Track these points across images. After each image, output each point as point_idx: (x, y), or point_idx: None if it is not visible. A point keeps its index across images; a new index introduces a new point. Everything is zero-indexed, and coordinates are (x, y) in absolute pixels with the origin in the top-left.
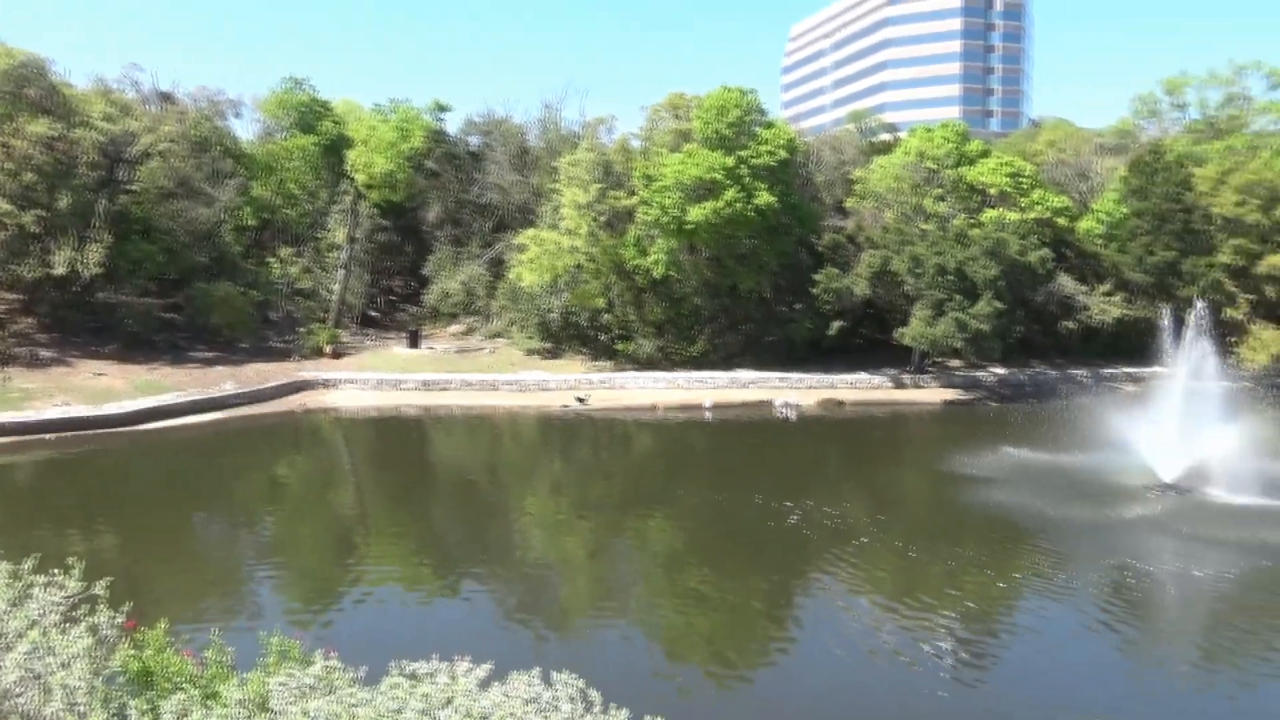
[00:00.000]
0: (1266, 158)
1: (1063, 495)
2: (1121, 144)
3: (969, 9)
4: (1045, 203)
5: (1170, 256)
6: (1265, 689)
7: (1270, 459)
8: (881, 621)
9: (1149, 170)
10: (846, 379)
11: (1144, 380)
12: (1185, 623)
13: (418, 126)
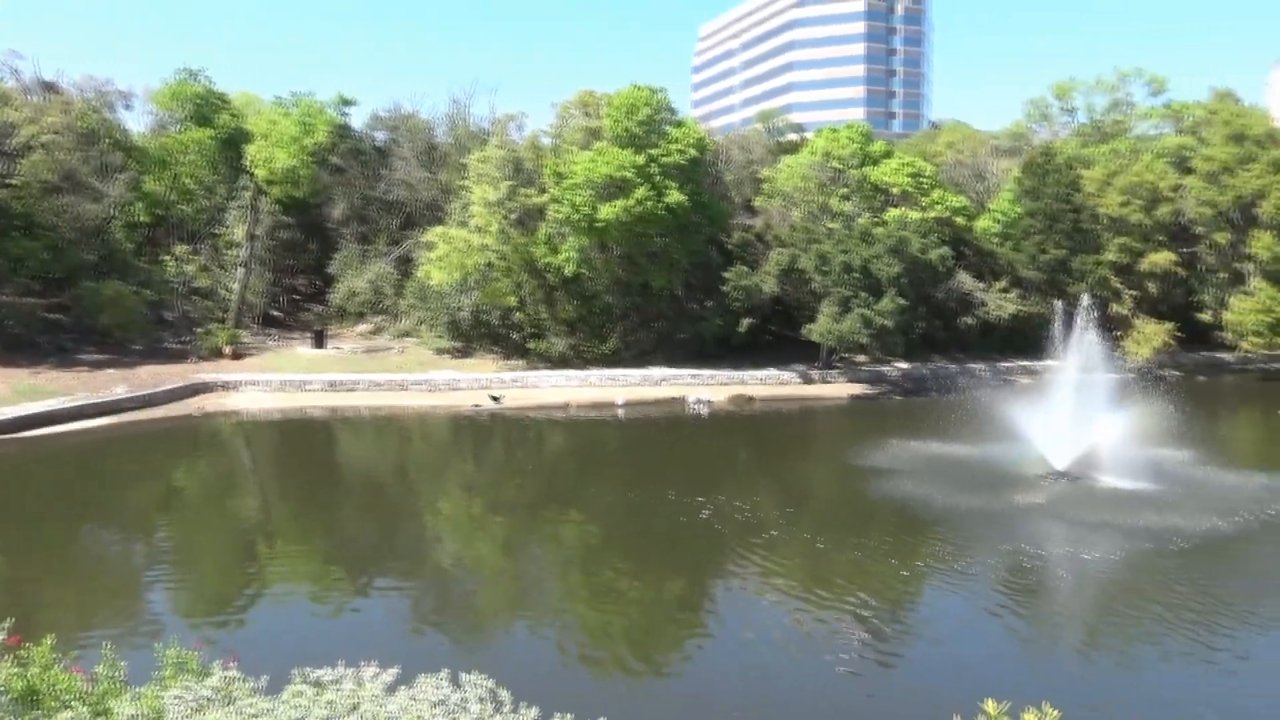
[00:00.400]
0: (1148, 160)
1: (962, 485)
2: (1015, 146)
3: (871, 13)
4: (945, 202)
5: (1061, 254)
6: (1150, 669)
7: (1153, 446)
8: (792, 612)
9: (1041, 172)
10: (757, 375)
11: (1038, 373)
12: (1076, 605)
13: (321, 121)
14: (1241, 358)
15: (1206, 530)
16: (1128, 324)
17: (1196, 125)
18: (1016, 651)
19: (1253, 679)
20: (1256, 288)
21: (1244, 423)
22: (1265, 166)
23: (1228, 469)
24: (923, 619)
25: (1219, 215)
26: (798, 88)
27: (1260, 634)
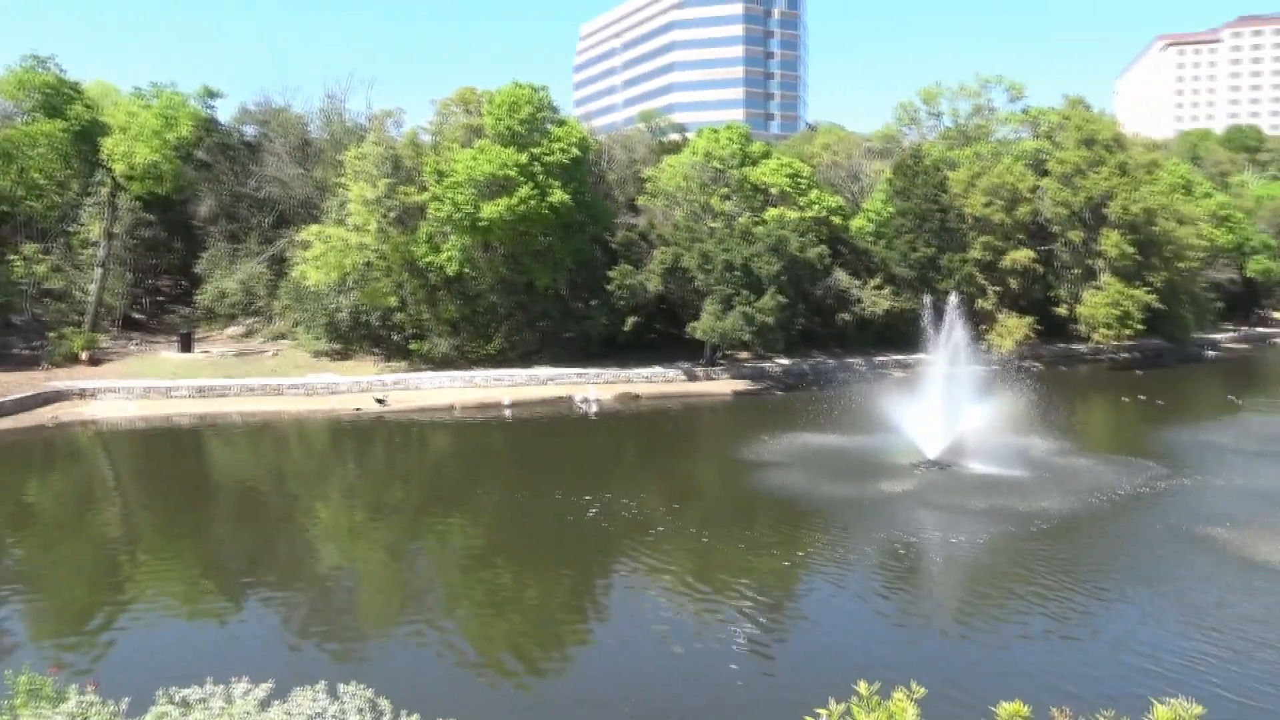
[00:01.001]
0: (1008, 163)
1: (841, 475)
2: (887, 148)
3: (749, 17)
4: (821, 202)
5: (930, 252)
6: (1012, 646)
7: (1016, 434)
8: (679, 607)
9: (910, 173)
10: (642, 373)
11: (911, 366)
12: (946, 588)
13: (184, 114)
14: (1093, 349)
15: (1064, 511)
16: (992, 318)
17: (1051, 130)
18: (891, 634)
19: (1101, 652)
20: (1106, 283)
21: (1096, 409)
22: (1113, 169)
23: (1083, 453)
24: (804, 607)
25: (1072, 215)
26: (679, 88)
27: (1106, 608)
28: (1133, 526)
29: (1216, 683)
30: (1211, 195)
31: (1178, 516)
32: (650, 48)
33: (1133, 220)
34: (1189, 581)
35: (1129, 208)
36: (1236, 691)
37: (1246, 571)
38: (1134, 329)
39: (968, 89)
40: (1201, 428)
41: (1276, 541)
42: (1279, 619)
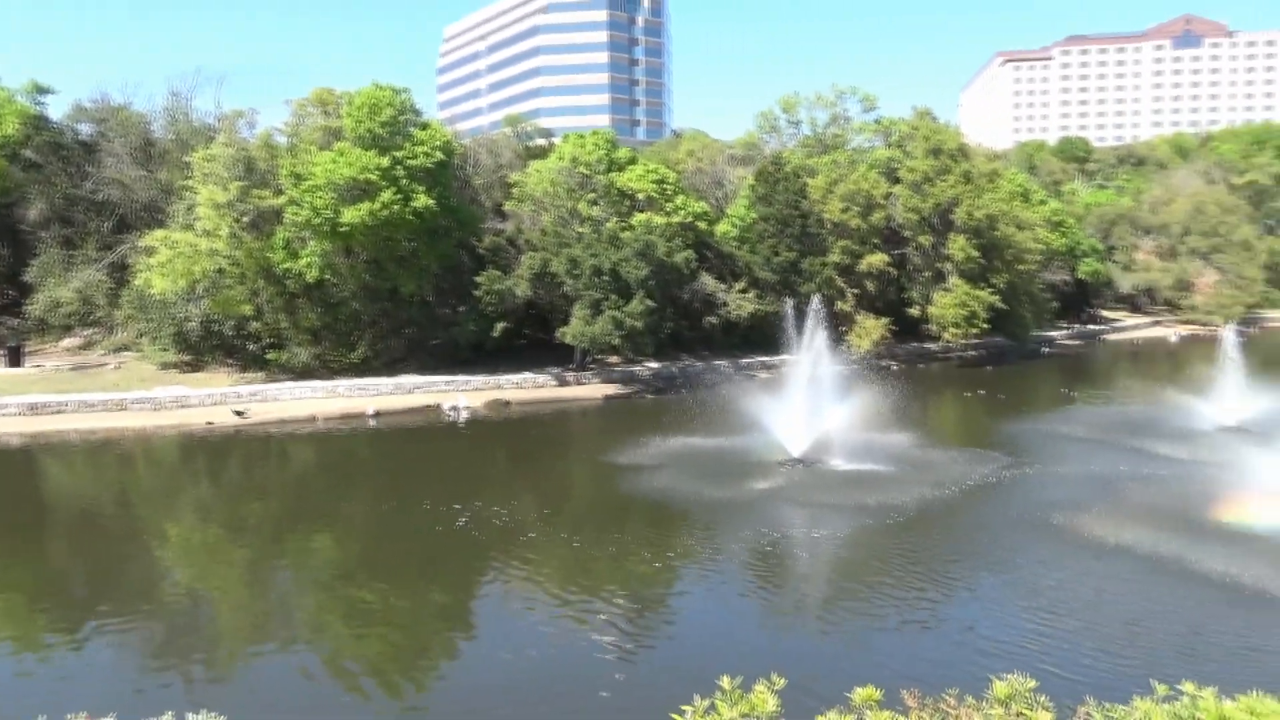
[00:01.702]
0: (863, 170)
1: (709, 476)
2: (749, 155)
3: (614, 23)
4: (687, 208)
5: (792, 256)
6: (872, 636)
7: (875, 430)
8: (552, 614)
9: (772, 179)
10: (512, 379)
11: (775, 367)
12: (810, 582)
13: (10, 110)
14: (944, 347)
15: (918, 503)
16: (851, 319)
17: (902, 139)
18: (758, 629)
19: (950, 637)
20: (954, 285)
21: (947, 405)
22: (958, 178)
23: (936, 447)
24: (674, 606)
25: (922, 220)
26: (545, 93)
27: (955, 595)
28: (981, 516)
29: (1051, 660)
30: (1046, 202)
31: (1021, 504)
32: (515, 51)
33: (977, 225)
34: (1031, 566)
35: (973, 214)
36: (1068, 669)
37: (1082, 554)
38: (980, 328)
39: (824, 99)
40: (1041, 419)
41: (1109, 524)
42: (1109, 600)
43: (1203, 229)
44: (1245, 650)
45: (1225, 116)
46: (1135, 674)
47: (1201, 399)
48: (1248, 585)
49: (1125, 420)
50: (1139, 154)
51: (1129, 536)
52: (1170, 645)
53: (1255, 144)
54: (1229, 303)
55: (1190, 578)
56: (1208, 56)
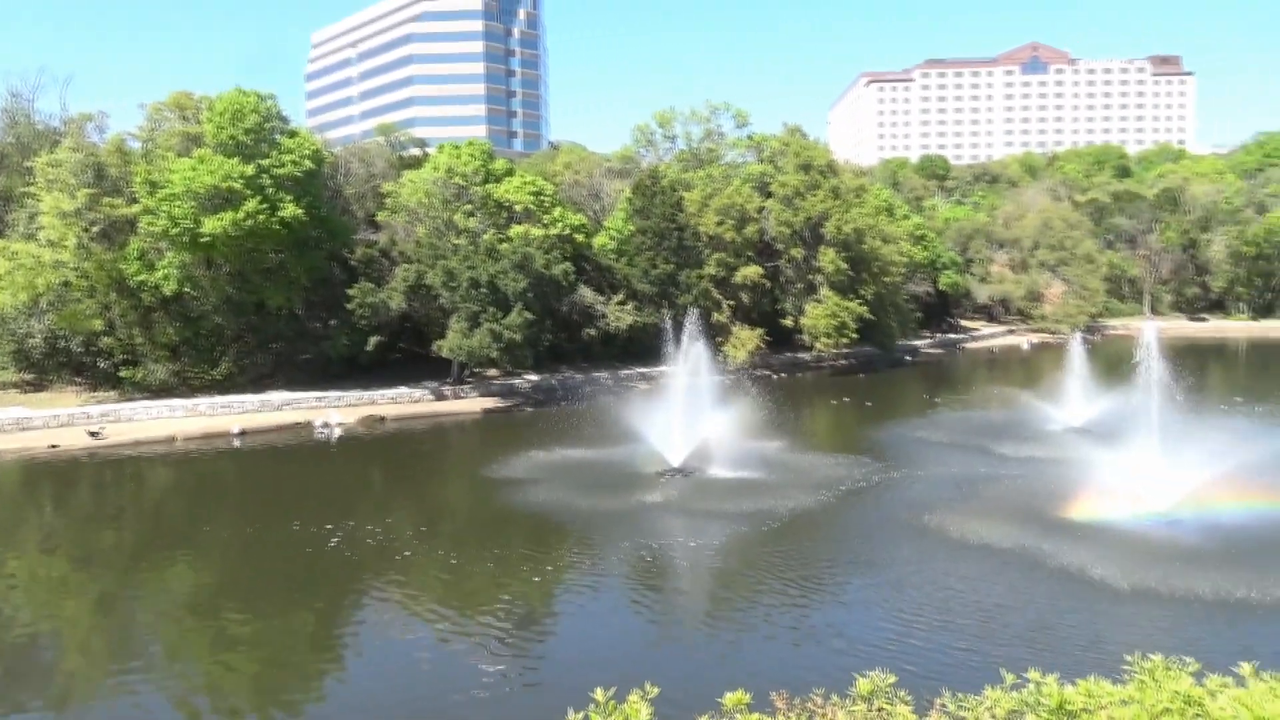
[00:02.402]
0: (737, 185)
1: (590, 488)
2: (626, 168)
3: (490, 34)
4: (565, 220)
5: (669, 269)
6: (747, 642)
7: (752, 438)
8: (430, 632)
9: (649, 193)
10: (387, 394)
11: (654, 379)
12: (688, 590)
13: None
14: (817, 357)
15: (794, 509)
16: (727, 331)
17: (774, 155)
18: (637, 639)
19: (822, 639)
20: (825, 296)
21: (819, 412)
22: (827, 193)
23: (810, 453)
24: (554, 620)
25: (794, 234)
26: (419, 102)
27: (827, 597)
28: (851, 519)
29: (913, 656)
30: (909, 217)
31: (889, 507)
32: (388, 59)
33: (845, 239)
34: (898, 566)
35: (842, 228)
36: (928, 663)
37: (944, 552)
38: (850, 337)
39: (698, 114)
40: (906, 425)
41: (969, 523)
42: (968, 596)
43: (1050, 243)
44: (1089, 639)
45: (1069, 138)
46: (989, 665)
47: (1051, 403)
48: (1094, 578)
49: (983, 424)
50: (993, 172)
51: (987, 534)
52: (1022, 637)
53: (1095, 164)
54: (1074, 312)
55: (1042, 572)
56: (1053, 82)
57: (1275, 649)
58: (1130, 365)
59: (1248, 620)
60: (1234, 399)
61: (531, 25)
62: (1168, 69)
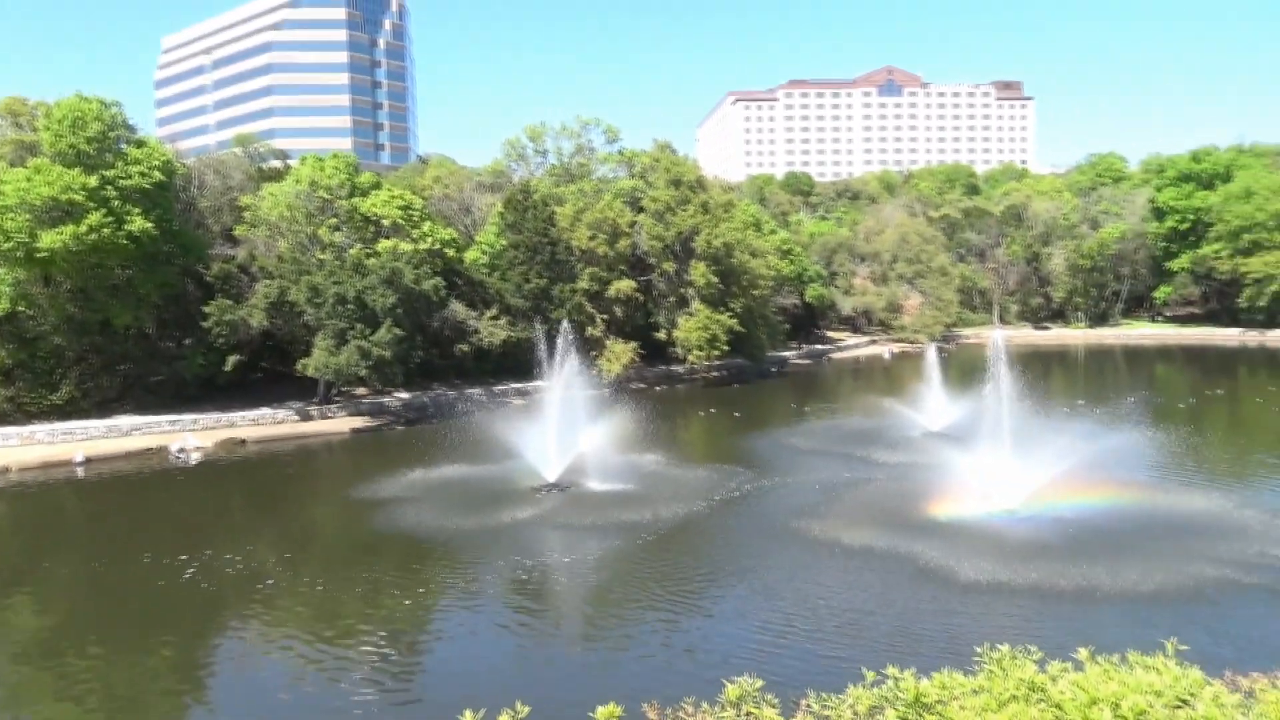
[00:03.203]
0: (609, 200)
1: (464, 506)
2: (497, 182)
3: (354, 45)
4: (435, 234)
5: (543, 283)
6: (621, 656)
7: (627, 451)
8: (296, 663)
9: (521, 207)
10: (248, 416)
11: (529, 394)
12: (566, 606)
13: None
14: (690, 369)
15: (670, 520)
16: (601, 344)
17: (645, 170)
18: (513, 657)
19: (695, 649)
20: (697, 309)
21: (693, 424)
22: (697, 208)
23: (685, 464)
24: (428, 643)
25: (666, 248)
26: (280, 112)
27: (702, 607)
28: (725, 528)
29: (782, 660)
30: (776, 232)
31: (761, 515)
32: (246, 67)
33: (715, 253)
34: (769, 573)
35: (712, 242)
36: (796, 666)
37: (815, 557)
38: (721, 350)
39: (569, 129)
40: (778, 434)
41: (837, 527)
42: (836, 598)
43: (908, 257)
44: (946, 634)
45: (923, 157)
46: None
47: (912, 409)
48: (951, 575)
49: (849, 431)
50: (854, 189)
51: (852, 538)
52: (885, 635)
53: (947, 182)
54: (931, 322)
55: (904, 571)
56: (907, 104)
57: (1112, 634)
58: (982, 372)
59: (1088, 607)
60: (1076, 402)
61: (397, 36)
62: (1010, 94)
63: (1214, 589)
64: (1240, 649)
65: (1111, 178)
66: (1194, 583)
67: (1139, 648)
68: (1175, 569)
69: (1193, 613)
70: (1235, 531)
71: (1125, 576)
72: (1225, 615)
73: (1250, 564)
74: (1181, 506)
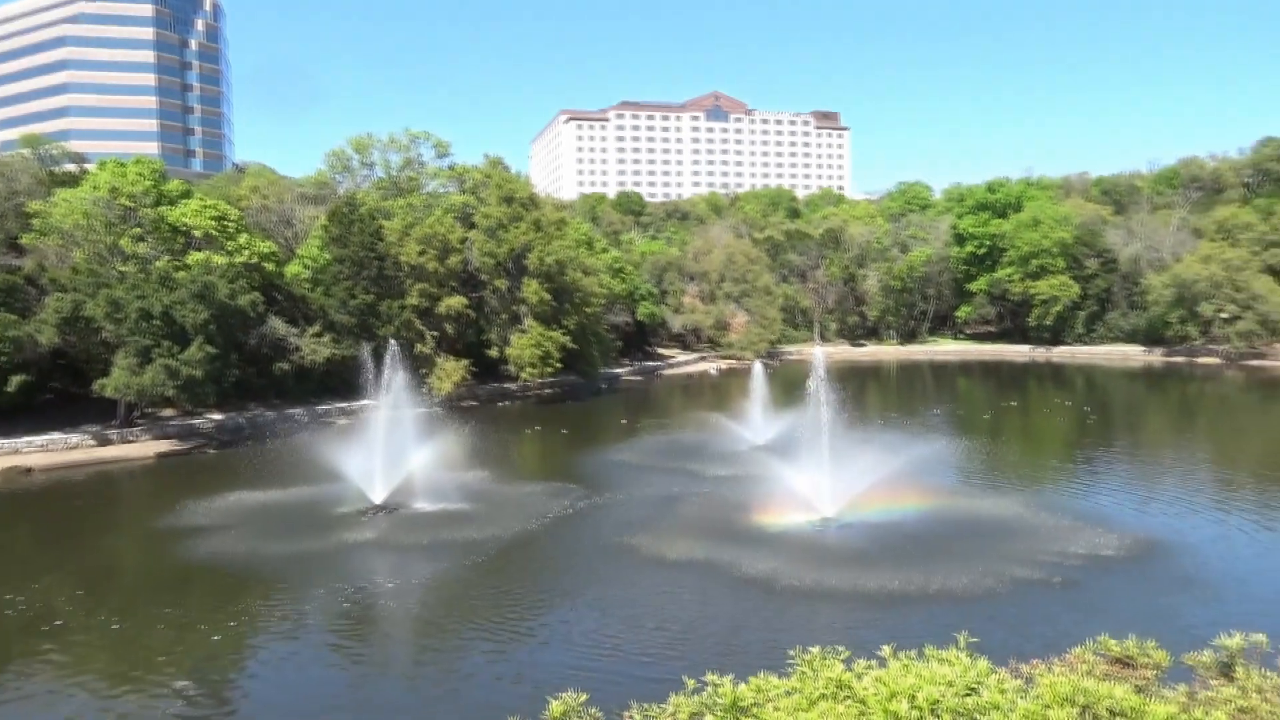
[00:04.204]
0: (439, 215)
1: (285, 532)
2: (321, 194)
3: (162, 44)
4: (252, 247)
5: (369, 299)
6: (448, 677)
7: (458, 470)
8: (92, 708)
9: (347, 220)
10: (36, 441)
11: (355, 413)
12: (394, 631)
13: None
14: (522, 386)
15: (501, 539)
16: (431, 362)
17: (476, 186)
18: (332, 690)
19: (524, 668)
20: (529, 326)
21: (525, 442)
22: (529, 225)
23: (518, 482)
24: (241, 678)
25: (498, 265)
26: (76, 112)
27: (533, 627)
28: (556, 545)
29: (611, 673)
30: (608, 250)
31: (592, 531)
32: (35, 63)
33: (548, 270)
34: (599, 589)
35: (544, 259)
36: (624, 678)
37: (646, 571)
38: (554, 367)
39: (398, 142)
40: (610, 449)
41: (668, 541)
42: (666, 609)
43: (734, 276)
44: (768, 639)
45: (748, 181)
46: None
47: (738, 423)
48: (773, 582)
49: (679, 446)
50: (683, 209)
51: (680, 551)
52: (711, 644)
53: (771, 205)
54: (756, 340)
55: (729, 580)
56: (733, 129)
57: (917, 631)
58: (803, 387)
59: (897, 608)
60: (890, 414)
61: (212, 38)
62: (828, 124)
63: (1008, 585)
64: (1026, 638)
65: (919, 205)
66: (991, 580)
67: (938, 643)
68: (975, 568)
69: (988, 607)
70: (1028, 532)
71: (931, 577)
72: (1016, 608)
73: (1039, 561)
74: (982, 510)
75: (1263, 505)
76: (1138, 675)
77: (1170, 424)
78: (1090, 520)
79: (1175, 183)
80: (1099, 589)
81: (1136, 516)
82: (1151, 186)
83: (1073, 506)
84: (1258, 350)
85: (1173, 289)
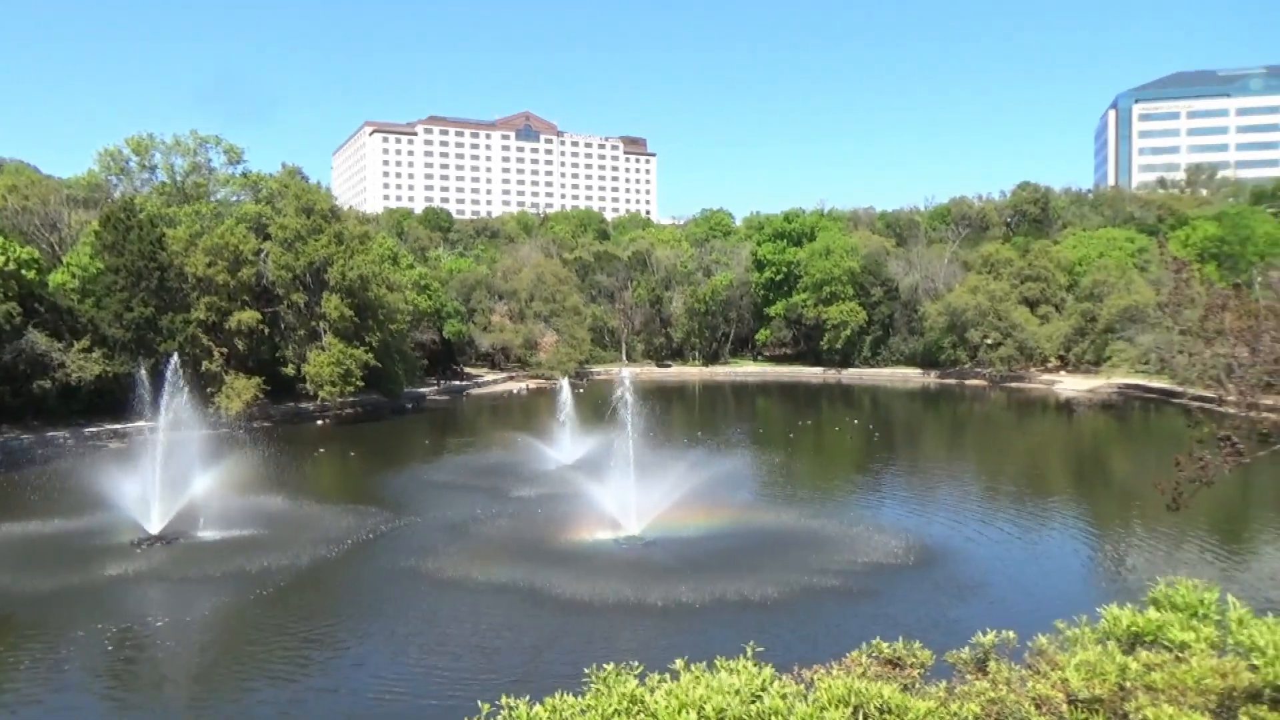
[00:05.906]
0: (230, 224)
1: (40, 568)
2: (93, 197)
3: None
4: (10, 253)
5: (148, 312)
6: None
7: (248, 494)
8: None
9: (123, 227)
10: None
11: (129, 435)
12: (165, 674)
13: None
14: (321, 405)
15: (292, 568)
16: (220, 380)
17: (272, 196)
18: None
19: (314, 705)
20: (329, 343)
21: (323, 462)
22: (330, 238)
23: (314, 506)
24: None
25: (295, 278)
26: None
27: (320, 660)
28: (353, 572)
29: (412, 702)
30: (414, 266)
31: (392, 555)
32: None
33: (350, 285)
34: (403, 614)
35: (346, 274)
36: (423, 707)
37: (451, 594)
38: (356, 385)
39: (184, 145)
40: (414, 470)
41: (473, 563)
42: (472, 633)
43: (544, 295)
44: (571, 658)
45: (558, 201)
46: (477, 698)
47: (545, 443)
48: (578, 600)
49: (486, 466)
50: (493, 227)
51: (484, 572)
52: (513, 666)
53: (580, 226)
54: (565, 359)
55: (536, 600)
56: (544, 150)
57: (714, 642)
58: (611, 407)
59: (696, 620)
60: (695, 433)
61: None
62: (636, 149)
63: (799, 594)
64: (813, 645)
65: (722, 231)
66: (785, 590)
67: (729, 653)
68: (771, 579)
69: (780, 617)
70: (819, 543)
71: (728, 589)
72: (805, 616)
73: (830, 570)
74: (780, 524)
75: (1026, 513)
76: (905, 674)
77: (944, 440)
78: (877, 530)
79: (948, 219)
80: (882, 595)
81: (918, 525)
82: (928, 222)
83: (861, 518)
84: (1016, 374)
85: (945, 316)
